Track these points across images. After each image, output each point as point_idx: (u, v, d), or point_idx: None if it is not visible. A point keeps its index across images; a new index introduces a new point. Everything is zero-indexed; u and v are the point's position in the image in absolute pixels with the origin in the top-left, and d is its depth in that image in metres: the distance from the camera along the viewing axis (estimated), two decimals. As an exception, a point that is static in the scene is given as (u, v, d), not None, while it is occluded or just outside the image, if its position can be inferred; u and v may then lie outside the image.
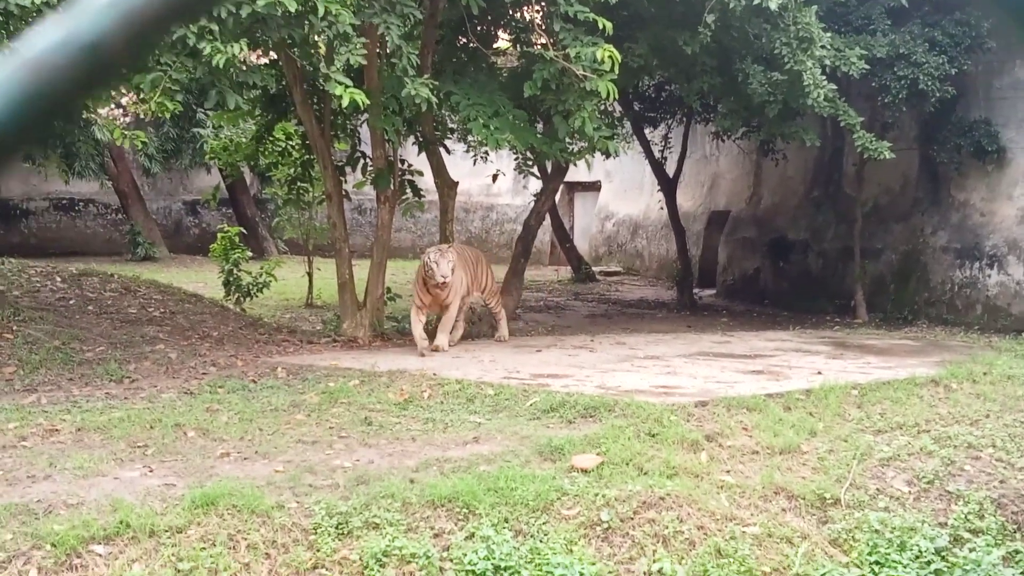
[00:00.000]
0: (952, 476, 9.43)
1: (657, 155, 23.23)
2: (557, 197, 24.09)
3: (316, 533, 7.38)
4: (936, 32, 16.83)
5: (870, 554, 8.26)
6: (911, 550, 8.32)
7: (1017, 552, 8.69)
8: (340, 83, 11.28)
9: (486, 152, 17.36)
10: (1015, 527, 8.96)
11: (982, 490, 9.22)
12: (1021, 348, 14.65)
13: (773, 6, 13.11)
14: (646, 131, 23.07)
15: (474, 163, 18.43)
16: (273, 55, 14.65)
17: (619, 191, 30.82)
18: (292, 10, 10.68)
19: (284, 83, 14.95)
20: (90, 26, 0.88)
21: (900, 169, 18.87)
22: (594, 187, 31.74)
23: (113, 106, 19.99)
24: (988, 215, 18.35)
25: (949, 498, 9.14)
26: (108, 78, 0.92)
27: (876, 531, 8.46)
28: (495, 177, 18.58)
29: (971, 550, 8.43)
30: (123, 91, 13.86)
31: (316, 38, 12.26)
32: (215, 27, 10.61)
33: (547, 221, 23.25)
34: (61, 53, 0.88)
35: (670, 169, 23.16)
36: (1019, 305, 17.59)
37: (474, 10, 12.90)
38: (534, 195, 18.72)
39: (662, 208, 24.47)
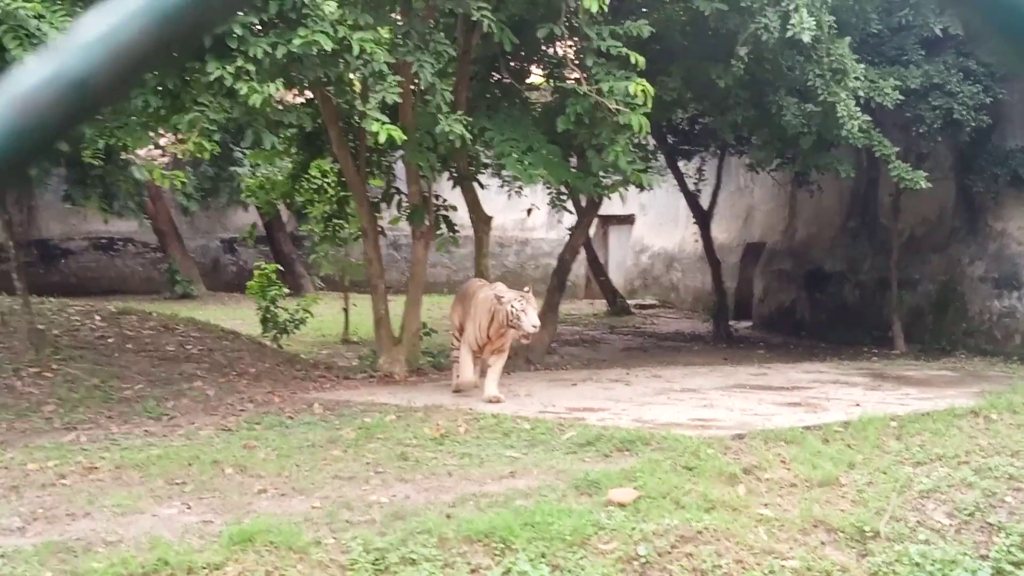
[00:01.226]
0: (993, 508, 9.33)
1: (691, 187, 23.23)
2: (592, 231, 24.14)
3: (353, 569, 7.37)
4: (970, 61, 16.79)
5: (911, 588, 8.18)
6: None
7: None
8: (377, 120, 11.37)
9: (520, 187, 17.43)
10: (1058, 559, 8.84)
11: (1023, 522, 9.11)
12: (1061, 378, 14.50)
13: (806, 38, 13.11)
14: (680, 164, 23.10)
15: (508, 198, 18.50)
16: (309, 94, 14.78)
17: (654, 224, 30.81)
18: (328, 49, 10.79)
19: (320, 121, 15.07)
20: (80, 63, 0.90)
21: (936, 199, 18.77)
22: (628, 220, 31.75)
23: (152, 147, 20.19)
24: (1026, 244, 18.22)
25: (990, 530, 9.03)
26: (92, 113, 0.94)
27: (917, 564, 8.37)
28: (529, 212, 18.65)
29: (1014, 583, 8.33)
30: (161, 132, 13.99)
31: (351, 76, 12.37)
32: (251, 67, 10.72)
33: (582, 255, 23.28)
34: (50, 89, 0.90)
35: (704, 201, 23.16)
36: (1059, 335, 17.43)
37: (507, 47, 12.98)
38: (568, 229, 18.73)
39: (697, 241, 24.45)
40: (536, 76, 17.57)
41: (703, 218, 23.02)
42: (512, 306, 12.09)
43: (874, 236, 20.80)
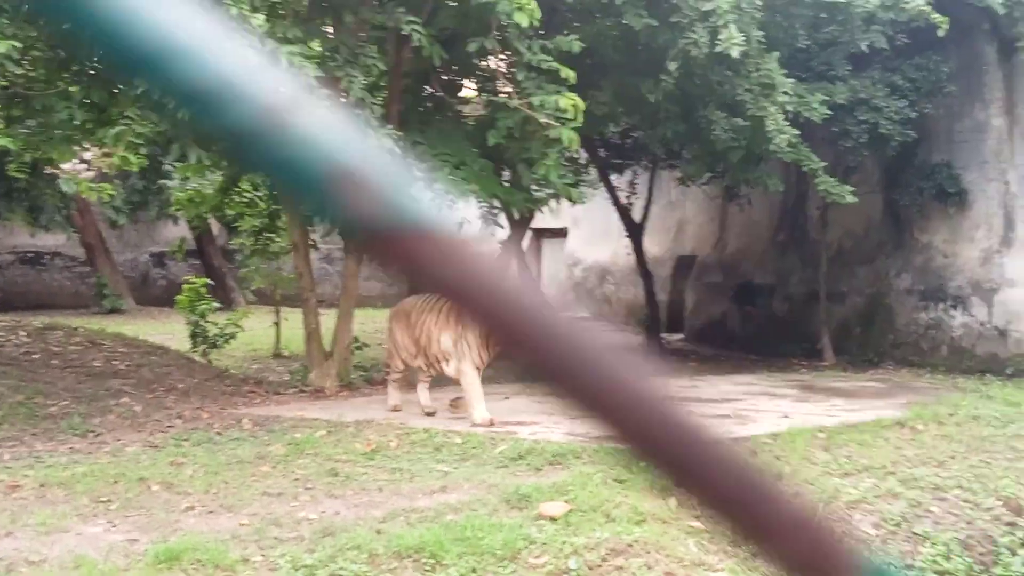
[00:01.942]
0: (919, 518, 9.45)
1: (623, 201, 23.33)
2: (525, 244, 24.15)
3: (281, 586, 7.31)
4: (896, 77, 17.06)
5: (839, 598, 8.23)
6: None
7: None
8: (304, 133, 11.28)
9: (452, 201, 17.40)
10: (982, 568, 8.98)
11: (949, 531, 9.24)
12: (986, 389, 14.74)
13: (735, 53, 13.24)
14: (612, 177, 23.18)
15: (440, 212, 18.46)
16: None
17: (586, 237, 30.89)
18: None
19: (249, 134, 14.94)
20: None
21: (864, 213, 19.03)
22: (562, 233, 31.80)
23: (77, 160, 19.93)
24: (951, 257, 18.53)
25: (916, 540, 9.15)
26: None
27: None
28: (461, 225, 18.61)
29: (939, 592, 8.44)
30: (87, 145, 13.82)
31: (280, 89, 12.27)
32: (179, 80, 10.60)
33: (516, 268, 23.28)
34: None
35: (636, 215, 23.27)
36: (984, 346, 17.72)
37: (436, 61, 12.97)
38: (500, 243, 18.72)
39: (629, 254, 24.55)
40: (468, 90, 17.57)
41: (635, 231, 23.13)
42: None
43: (803, 249, 21.03)
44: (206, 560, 7.32)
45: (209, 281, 19.06)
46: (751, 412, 12.72)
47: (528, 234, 25.46)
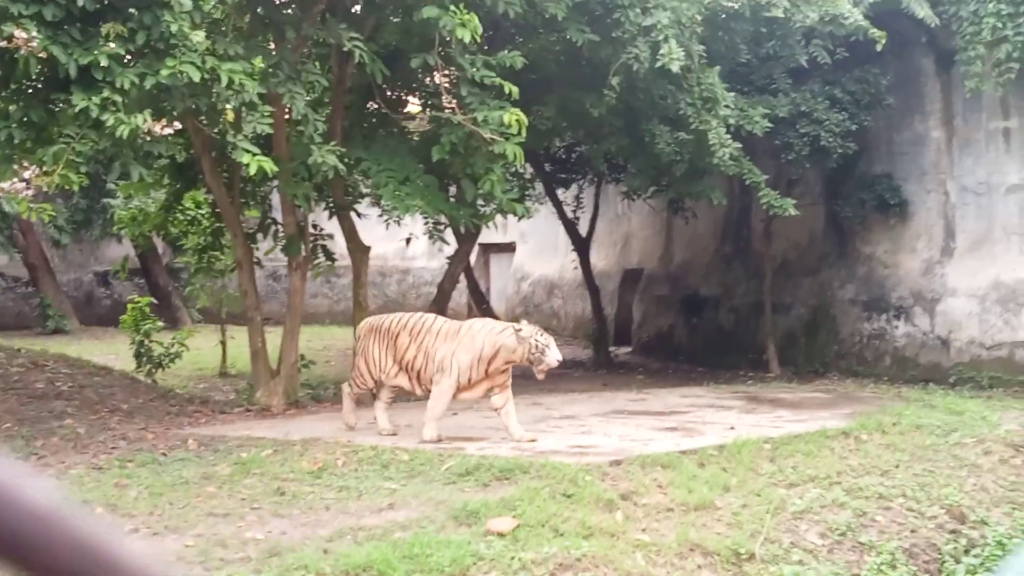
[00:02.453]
0: (864, 527, 9.54)
1: (570, 215, 23.40)
2: (472, 259, 24.15)
3: (227, 608, 7.25)
4: (836, 90, 17.27)
5: (785, 608, 8.30)
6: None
7: (930, 601, 8.80)
8: (247, 151, 11.25)
9: (399, 217, 17.40)
10: (926, 576, 9.07)
11: (894, 540, 9.34)
12: (929, 398, 14.91)
13: (675, 68, 13.34)
14: (558, 191, 23.24)
15: (387, 227, 18.45)
16: (179, 124, 14.58)
17: (534, 251, 30.94)
18: (196, 80, 10.66)
19: (192, 152, 14.87)
20: None
21: (807, 225, 19.22)
22: (509, 248, 31.83)
23: (16, 180, 19.70)
24: (893, 267, 18.75)
25: (862, 549, 9.24)
26: None
27: (791, 586, 8.51)
28: (408, 241, 18.61)
29: (884, 600, 8.52)
30: (25, 164, 13.66)
31: (223, 107, 12.24)
32: (118, 98, 10.54)
33: (463, 283, 23.28)
34: None
35: (583, 229, 23.35)
36: (927, 355, 17.94)
37: (378, 78, 12.96)
38: (448, 258, 18.73)
39: (576, 267, 24.61)
40: (413, 106, 17.57)
41: (582, 245, 23.21)
42: (536, 340, 11.40)
43: (748, 261, 21.20)
44: (150, 583, 7.23)
45: (154, 300, 18.90)
46: (698, 424, 12.79)
47: (476, 249, 25.47)
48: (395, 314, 12.68)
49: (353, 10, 13.73)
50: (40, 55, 10.66)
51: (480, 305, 27.51)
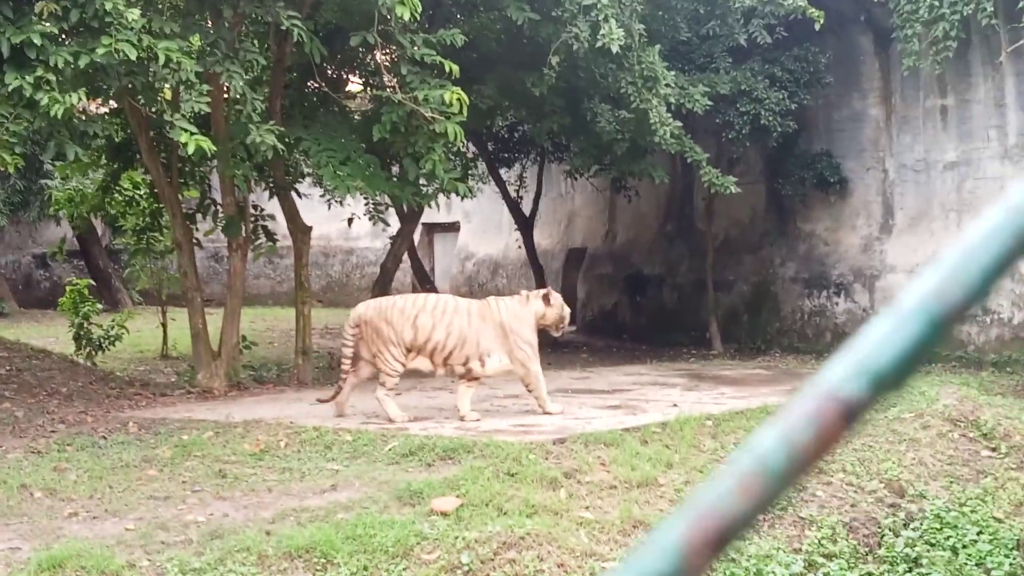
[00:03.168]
0: (805, 502, 9.63)
1: (513, 194, 23.38)
2: (416, 238, 24.08)
3: (168, 591, 7.19)
4: (776, 68, 17.36)
5: (726, 582, 8.37)
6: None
7: (870, 575, 8.90)
8: (185, 130, 11.13)
9: (341, 197, 17.29)
10: (867, 550, 9.19)
11: (834, 514, 9.44)
12: (868, 373, 15.03)
13: (615, 48, 13.34)
14: (501, 171, 23.21)
15: (328, 208, 18.34)
16: (115, 103, 14.39)
17: (478, 231, 30.90)
18: (132, 58, 10.52)
19: (129, 132, 14.68)
20: None
21: (748, 202, 19.34)
22: (453, 228, 31.77)
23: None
24: (833, 244, 18.93)
25: (802, 524, 9.32)
26: None
27: (732, 560, 8.57)
28: (351, 221, 18.51)
29: (825, 574, 8.61)
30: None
31: (160, 85, 12.09)
32: (52, 77, 10.37)
33: (407, 263, 23.21)
34: None
35: (526, 208, 23.35)
36: (866, 331, 18.12)
37: (316, 58, 12.84)
38: (391, 238, 18.66)
39: (520, 247, 24.62)
40: (354, 84, 17.46)
41: (525, 224, 23.21)
42: (564, 306, 12.08)
43: (690, 239, 21.30)
44: (90, 567, 7.18)
45: (93, 282, 18.68)
46: (641, 402, 12.86)
47: (419, 229, 25.39)
48: (398, 297, 12.35)
49: (292, -12, 13.62)
50: (-29, 34, 10.48)
51: (424, 285, 27.42)
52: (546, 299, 11.86)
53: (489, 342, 11.64)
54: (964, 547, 9.46)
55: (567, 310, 12.16)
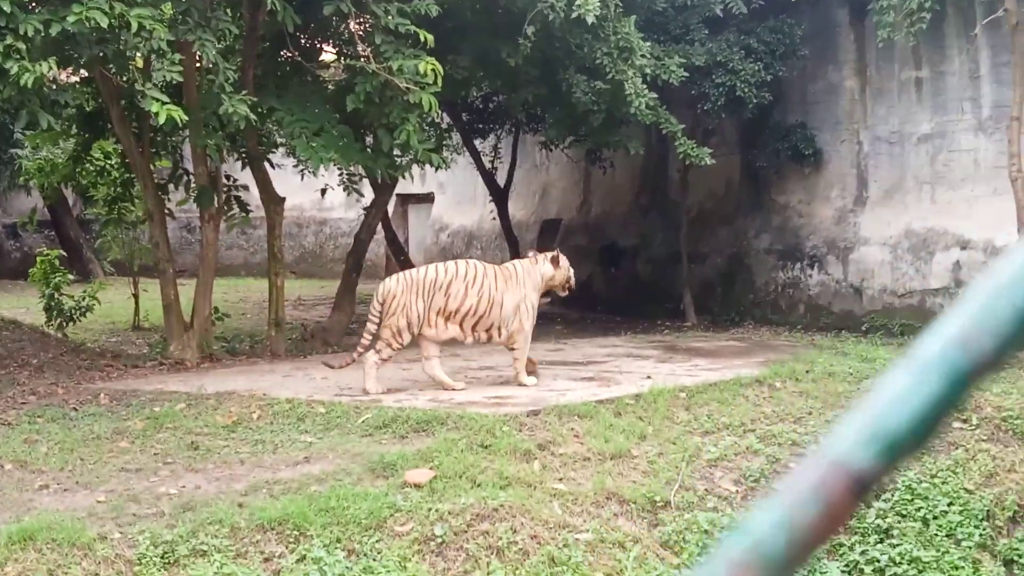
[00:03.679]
0: (778, 474, 9.67)
1: (488, 166, 23.31)
2: (391, 209, 23.98)
3: (141, 564, 7.18)
4: (751, 40, 17.32)
5: (700, 555, 8.40)
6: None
7: (841, 546, 8.95)
8: (156, 100, 11.02)
9: (314, 168, 17.19)
10: (838, 520, 9.22)
11: (806, 486, 9.47)
12: (841, 345, 15.12)
13: (591, 18, 13.26)
14: (476, 142, 23.12)
15: (302, 179, 18.22)
16: (86, 72, 14.24)
17: (452, 202, 30.83)
18: (104, 26, 10.40)
19: (100, 101, 14.54)
20: None
21: (723, 174, 19.32)
22: (428, 199, 31.68)
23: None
24: (807, 216, 18.95)
25: (775, 495, 9.35)
26: None
27: (705, 532, 8.61)
28: (324, 192, 18.41)
29: (796, 545, 8.65)
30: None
31: (131, 54, 11.97)
32: (22, 45, 10.25)
33: (380, 234, 23.12)
34: None
35: (501, 179, 23.29)
36: (840, 303, 18.19)
37: (289, 27, 12.73)
38: (364, 209, 18.57)
39: (495, 218, 24.57)
40: (327, 54, 17.33)
41: (500, 196, 23.16)
42: (570, 268, 12.75)
43: (665, 211, 21.28)
44: (62, 539, 7.16)
45: (63, 252, 18.53)
46: (615, 374, 12.87)
47: (394, 199, 25.30)
48: (428, 267, 12.30)
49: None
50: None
51: (398, 256, 27.36)
52: (554, 261, 12.44)
53: (510, 306, 11.97)
54: (935, 518, 9.52)
55: (572, 272, 12.70)
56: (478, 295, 11.80)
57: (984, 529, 9.65)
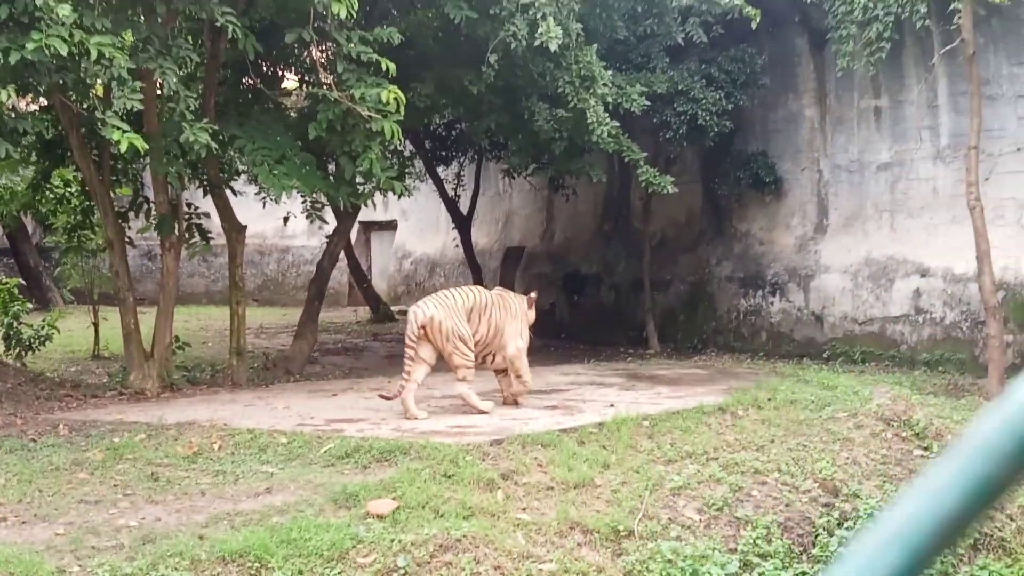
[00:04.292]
0: (740, 502, 9.67)
1: (451, 193, 23.34)
2: (353, 237, 23.97)
3: (99, 598, 7.07)
4: (712, 68, 17.46)
5: (664, 584, 8.38)
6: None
7: (804, 574, 8.95)
8: (117, 128, 10.95)
9: (276, 196, 17.14)
10: (801, 549, 9.24)
11: (769, 514, 9.48)
12: (804, 373, 15.19)
13: (553, 47, 13.32)
14: (439, 169, 23.15)
15: (264, 206, 18.16)
16: (45, 100, 14.15)
17: (416, 230, 30.84)
18: (64, 54, 10.33)
19: (60, 128, 14.44)
20: None
21: (685, 202, 19.43)
22: (391, 226, 31.68)
23: None
24: (768, 244, 19.07)
25: (738, 524, 9.36)
26: None
27: (669, 561, 8.58)
28: (286, 219, 18.36)
29: (760, 574, 8.64)
30: None
31: (91, 82, 11.90)
32: (-20, 73, 10.18)
33: (343, 262, 23.07)
34: None
35: (464, 207, 23.31)
36: (801, 330, 18.28)
37: (250, 54, 12.70)
38: (327, 237, 18.52)
39: (458, 246, 24.59)
40: (290, 81, 17.30)
41: (463, 223, 23.19)
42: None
43: (627, 239, 21.35)
44: (19, 572, 7.04)
45: (22, 281, 18.36)
46: (578, 402, 12.86)
47: (356, 227, 25.27)
48: (451, 292, 12.38)
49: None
50: None
51: (361, 284, 27.35)
52: (531, 303, 12.98)
53: (510, 334, 12.34)
54: (897, 546, 9.53)
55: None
56: (488, 324, 12.19)
57: (945, 557, 9.67)
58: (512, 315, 12.42)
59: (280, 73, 16.77)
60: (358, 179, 14.25)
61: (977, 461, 0.80)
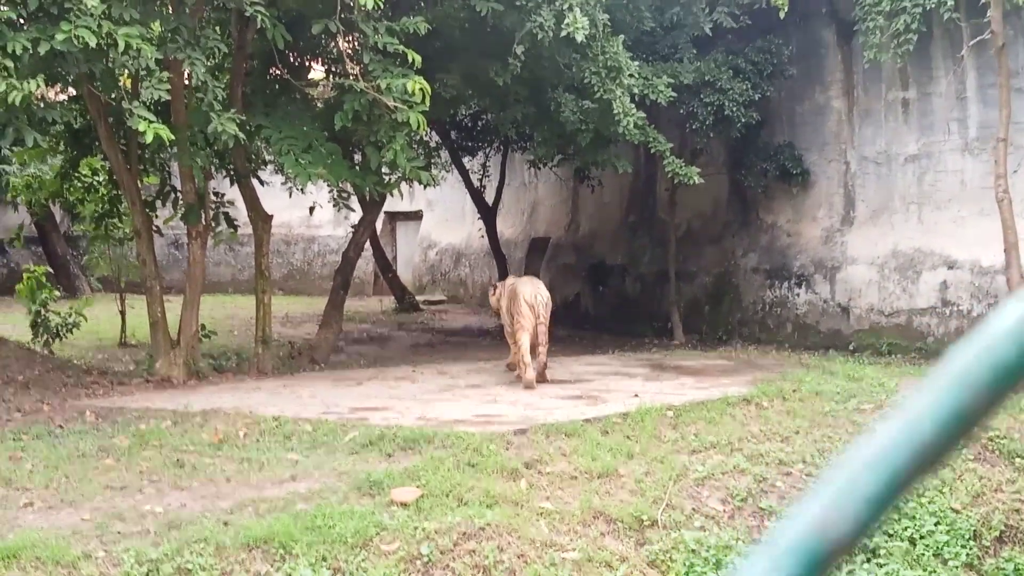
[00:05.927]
0: (764, 493, 9.67)
1: (476, 183, 23.35)
2: (379, 227, 24.01)
3: (125, 583, 7.13)
4: (739, 59, 17.39)
5: (687, 574, 8.39)
6: (726, 568, 8.47)
7: (827, 564, 8.92)
8: (143, 118, 11.01)
9: (302, 185, 17.20)
10: (824, 540, 9.21)
11: (793, 505, 9.46)
12: (829, 364, 15.12)
13: (580, 37, 13.30)
14: (465, 160, 23.17)
15: (290, 196, 18.21)
16: (75, 90, 14.24)
17: (441, 220, 30.86)
18: (92, 45, 10.40)
19: (88, 118, 14.53)
20: None
21: (711, 193, 19.37)
22: (416, 216, 31.72)
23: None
24: (795, 236, 18.99)
25: (762, 515, 9.36)
26: None
27: (692, 551, 8.60)
28: (312, 209, 18.41)
29: (783, 564, 8.63)
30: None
31: (119, 72, 11.97)
32: (11, 64, 10.24)
33: (369, 251, 23.12)
34: None
35: (489, 197, 23.32)
36: (827, 322, 18.21)
37: (279, 44, 12.74)
38: (352, 226, 18.56)
39: (483, 236, 24.60)
40: (316, 72, 17.34)
41: (488, 213, 23.19)
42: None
43: (653, 230, 21.32)
44: (46, 557, 7.11)
45: (50, 269, 18.47)
46: (603, 392, 12.86)
47: (382, 217, 25.31)
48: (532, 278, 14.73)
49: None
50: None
51: (386, 273, 27.40)
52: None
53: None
54: (922, 537, 9.52)
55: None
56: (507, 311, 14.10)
57: (971, 549, 9.65)
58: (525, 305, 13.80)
59: (307, 64, 16.81)
60: (384, 169, 14.29)
61: (954, 390, 0.82)
